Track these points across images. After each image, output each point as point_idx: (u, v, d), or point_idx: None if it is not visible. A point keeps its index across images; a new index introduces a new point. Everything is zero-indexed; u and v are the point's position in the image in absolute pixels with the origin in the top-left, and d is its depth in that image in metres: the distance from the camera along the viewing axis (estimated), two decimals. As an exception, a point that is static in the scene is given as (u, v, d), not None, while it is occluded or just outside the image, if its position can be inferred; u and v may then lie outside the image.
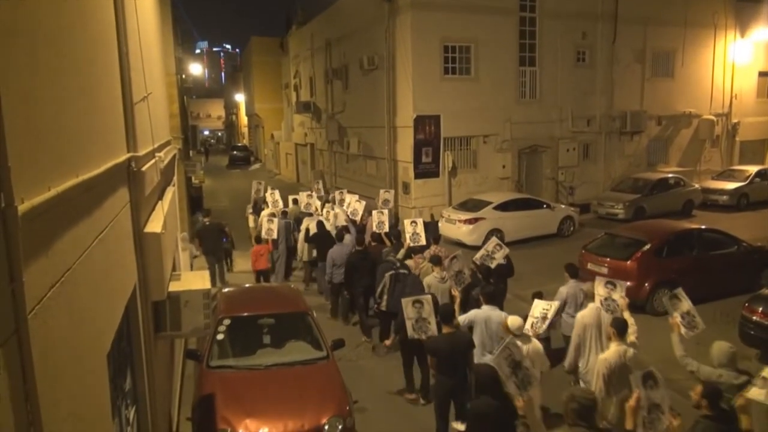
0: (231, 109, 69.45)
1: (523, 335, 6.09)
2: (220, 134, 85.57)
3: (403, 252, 9.99)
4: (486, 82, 18.26)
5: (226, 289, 8.97)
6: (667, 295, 6.34)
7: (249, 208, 15.84)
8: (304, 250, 12.01)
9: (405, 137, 18.02)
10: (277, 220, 12.13)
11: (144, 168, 4.60)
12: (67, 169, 2.49)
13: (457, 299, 7.50)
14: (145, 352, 4.42)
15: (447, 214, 15.80)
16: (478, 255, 8.92)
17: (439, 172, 17.98)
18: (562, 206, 17.26)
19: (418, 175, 17.79)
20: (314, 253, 11.63)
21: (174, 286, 5.21)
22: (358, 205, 13.11)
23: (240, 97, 57.58)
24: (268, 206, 13.98)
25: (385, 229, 11.44)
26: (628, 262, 10.35)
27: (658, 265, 10.37)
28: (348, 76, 22.61)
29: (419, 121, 17.50)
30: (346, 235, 10.88)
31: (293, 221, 13.01)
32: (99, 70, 3.49)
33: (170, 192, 7.44)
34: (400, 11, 17.63)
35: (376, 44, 19.03)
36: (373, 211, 12.05)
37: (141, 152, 4.63)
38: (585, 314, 6.78)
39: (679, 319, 6.06)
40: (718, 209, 19.36)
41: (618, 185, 19.86)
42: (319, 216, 12.72)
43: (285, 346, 6.89)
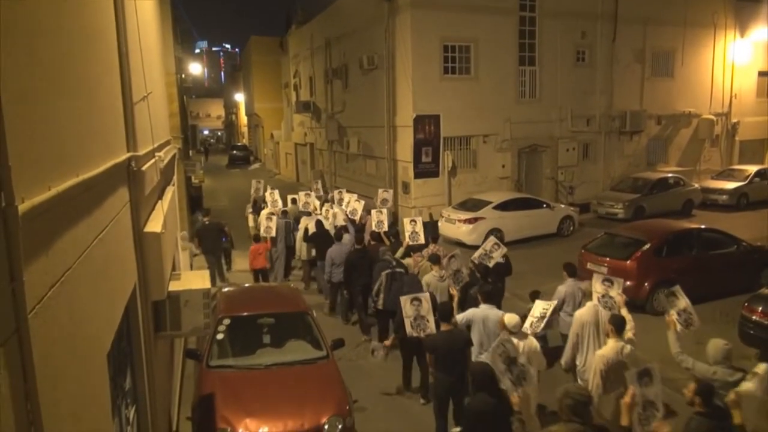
0: (231, 108, 69.44)
1: (519, 333, 6.12)
2: (219, 134, 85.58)
3: (402, 251, 10.00)
4: (486, 82, 18.25)
5: (225, 289, 8.97)
6: (665, 293, 6.38)
7: (249, 208, 15.83)
8: (302, 249, 12.03)
9: (405, 137, 18.02)
10: (276, 219, 12.13)
11: (144, 167, 4.60)
12: (68, 169, 2.49)
13: (456, 298, 7.53)
14: (145, 352, 4.43)
15: (447, 213, 15.80)
16: (477, 254, 8.93)
17: (439, 172, 17.96)
18: (562, 206, 17.26)
19: (417, 175, 17.79)
20: (313, 252, 11.66)
21: (174, 286, 5.22)
22: (357, 205, 13.09)
23: (240, 97, 57.58)
24: (268, 206, 13.98)
25: (384, 228, 11.47)
26: (628, 262, 10.36)
27: (657, 264, 10.38)
28: (348, 76, 22.60)
29: (419, 121, 17.49)
30: (345, 234, 10.89)
31: (293, 220, 13.02)
32: (99, 70, 3.49)
33: (170, 191, 7.44)
34: (399, 11, 17.62)
35: (375, 44, 19.03)
36: (372, 211, 12.07)
37: (141, 152, 4.63)
38: (583, 312, 6.82)
39: (675, 317, 6.11)
40: (717, 209, 19.36)
41: (618, 185, 19.87)
42: (318, 215, 12.73)
43: (285, 346, 6.89)
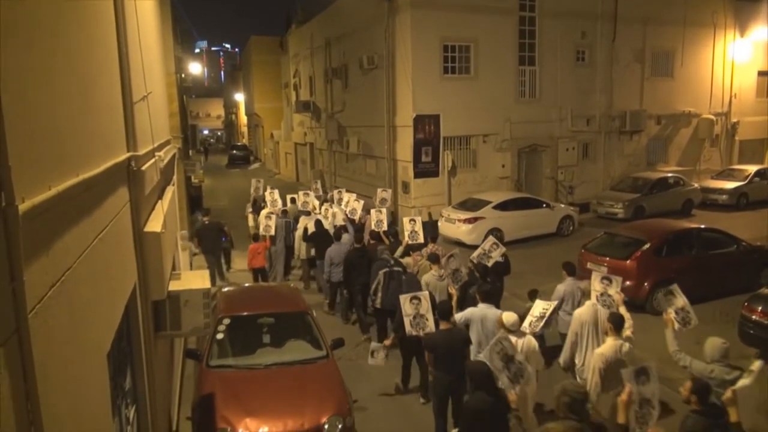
0: (230, 108, 69.43)
1: (518, 332, 6.15)
2: (219, 134, 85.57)
3: (401, 250, 10.03)
4: (486, 82, 18.24)
5: (225, 289, 8.97)
6: (662, 291, 6.41)
7: (248, 207, 15.86)
8: (301, 249, 12.05)
9: (404, 136, 18.01)
10: (275, 217, 12.16)
11: (144, 167, 4.60)
12: (68, 169, 2.49)
13: (454, 297, 7.55)
14: (145, 352, 4.43)
15: (446, 213, 15.80)
16: (475, 254, 8.97)
17: (439, 172, 17.96)
18: (562, 205, 17.26)
19: (417, 175, 17.79)
20: (312, 252, 11.69)
21: (174, 286, 5.21)
22: (356, 204, 13.14)
23: (239, 97, 57.58)
24: (267, 206, 13.99)
25: (384, 227, 11.50)
26: (628, 262, 10.37)
27: (657, 264, 10.39)
28: (348, 76, 22.59)
29: (419, 121, 17.49)
30: (344, 234, 10.92)
31: (292, 220, 13.03)
32: (99, 70, 3.49)
33: (170, 191, 7.44)
34: (399, 10, 17.62)
35: (375, 43, 19.02)
36: (372, 210, 12.08)
37: (141, 151, 4.63)
38: (582, 311, 6.87)
39: (673, 315, 6.16)
40: (717, 209, 19.37)
41: (617, 184, 19.87)
42: (317, 215, 12.75)
43: (285, 346, 6.89)
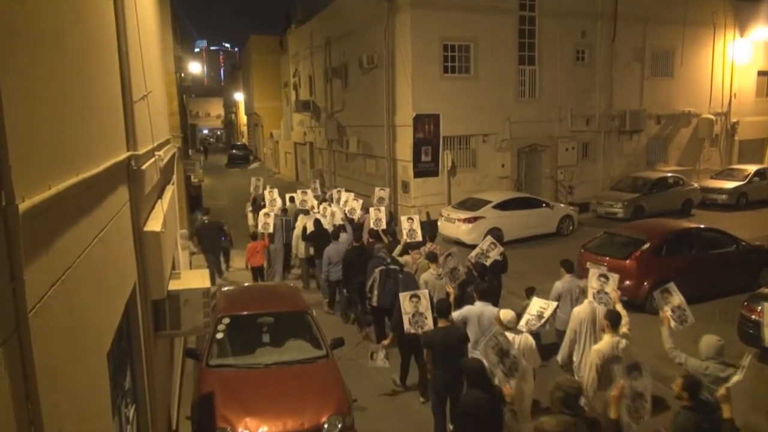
0: (230, 107, 69.42)
1: (515, 329, 6.18)
2: (219, 133, 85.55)
3: (399, 248, 10.05)
4: (485, 81, 18.25)
5: (225, 288, 8.97)
6: (659, 290, 6.49)
7: (248, 206, 15.89)
8: (299, 247, 12.06)
9: (404, 136, 18.01)
10: (273, 215, 12.19)
11: (144, 167, 4.60)
12: (68, 168, 2.49)
13: (452, 295, 7.58)
14: (145, 351, 4.43)
15: (446, 213, 15.80)
16: (473, 253, 9.09)
17: (439, 171, 17.97)
18: (562, 205, 17.26)
19: (417, 174, 17.79)
20: (311, 251, 11.70)
21: (173, 285, 5.21)
22: (355, 204, 13.20)
23: (239, 96, 57.55)
24: (267, 205, 14.00)
25: (382, 226, 11.53)
26: (627, 261, 10.37)
27: (657, 264, 10.38)
28: (347, 75, 22.59)
29: (419, 120, 17.49)
30: (342, 233, 10.95)
31: (292, 218, 13.05)
32: (99, 69, 3.48)
33: (170, 191, 7.44)
34: (399, 10, 17.61)
35: (375, 43, 19.02)
36: (370, 209, 12.11)
37: (141, 151, 4.63)
38: (580, 309, 6.93)
39: (669, 313, 6.21)
40: (717, 208, 19.37)
41: (617, 184, 19.87)
42: (316, 214, 12.77)
43: (284, 345, 6.89)
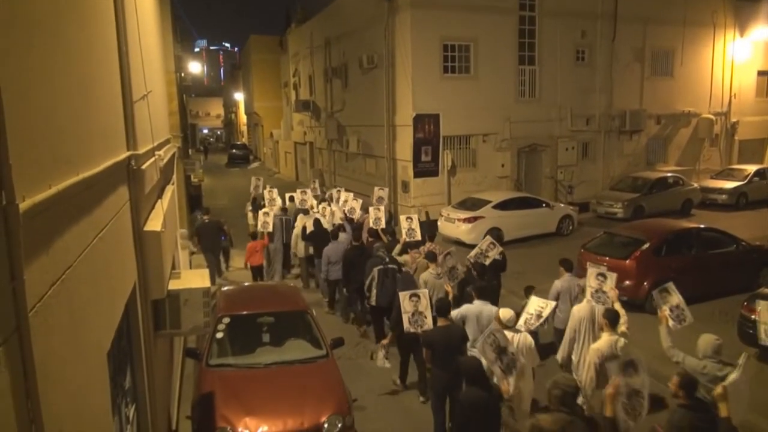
0: (230, 107, 69.39)
1: (514, 328, 6.19)
2: (219, 133, 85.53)
3: (399, 248, 10.07)
4: (485, 81, 18.24)
5: (225, 288, 8.97)
6: (658, 289, 6.52)
7: (248, 205, 15.92)
8: (299, 247, 12.08)
9: (404, 136, 18.01)
10: (272, 214, 12.21)
11: (144, 166, 4.61)
12: (68, 167, 2.49)
13: (451, 294, 7.60)
14: (145, 351, 4.43)
15: (446, 212, 15.79)
16: (473, 253, 9.13)
17: (439, 171, 17.97)
18: (561, 205, 17.26)
19: (417, 174, 17.79)
20: (311, 250, 11.73)
21: (174, 285, 5.21)
22: (355, 204, 13.24)
23: (239, 96, 57.52)
24: (266, 205, 14.03)
25: (382, 225, 11.57)
26: (627, 261, 10.36)
27: (656, 264, 10.38)
28: (347, 75, 22.58)
29: (418, 120, 17.49)
30: (341, 233, 10.97)
31: (292, 217, 13.06)
32: (99, 69, 3.49)
33: (170, 190, 7.44)
34: (399, 10, 17.61)
35: (375, 43, 19.01)
36: (370, 208, 12.13)
37: (141, 150, 4.63)
38: (580, 308, 6.97)
39: (667, 312, 6.24)
40: (717, 208, 19.37)
41: (617, 184, 19.87)
42: (316, 213, 12.79)
43: (284, 345, 6.89)
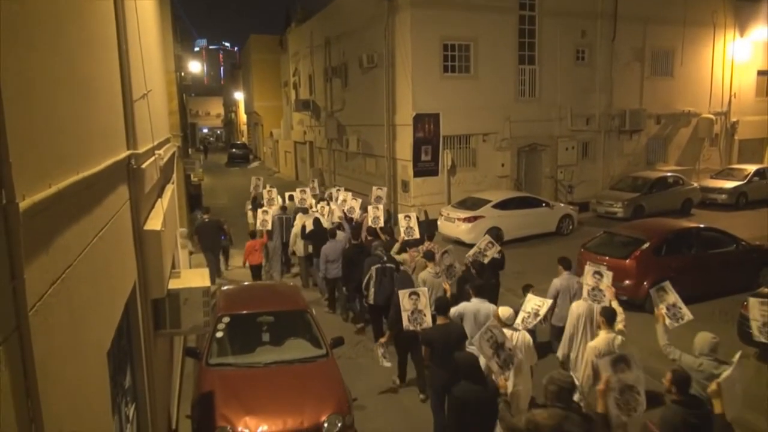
0: (230, 107, 69.39)
1: (512, 326, 6.22)
2: (219, 132, 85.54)
3: (397, 246, 10.07)
4: (485, 81, 18.24)
5: (225, 287, 8.97)
6: (654, 288, 6.55)
7: (248, 204, 15.93)
8: (297, 245, 12.09)
9: (404, 135, 18.01)
10: (271, 213, 12.21)
11: (144, 165, 4.61)
12: (68, 166, 2.49)
13: (449, 292, 7.60)
14: (145, 350, 4.43)
15: (446, 212, 15.79)
16: (471, 252, 9.14)
17: (438, 171, 17.96)
18: (561, 205, 17.26)
19: (417, 174, 17.79)
20: (310, 249, 11.76)
21: (173, 284, 5.21)
22: (354, 203, 13.25)
23: (239, 95, 57.53)
24: (265, 204, 14.05)
25: (380, 223, 11.59)
26: (627, 261, 10.36)
27: (656, 263, 10.38)
28: (347, 74, 22.58)
29: (418, 120, 17.49)
30: (339, 232, 10.99)
31: (291, 217, 13.07)
32: (99, 68, 3.48)
33: (169, 189, 7.44)
34: (399, 9, 17.60)
35: (375, 42, 19.00)
36: (369, 207, 12.15)
37: (141, 150, 4.63)
38: (578, 305, 7.01)
39: (664, 311, 6.25)
40: (716, 208, 19.37)
41: (617, 184, 19.87)
42: (315, 212, 12.81)
43: (284, 344, 6.89)
